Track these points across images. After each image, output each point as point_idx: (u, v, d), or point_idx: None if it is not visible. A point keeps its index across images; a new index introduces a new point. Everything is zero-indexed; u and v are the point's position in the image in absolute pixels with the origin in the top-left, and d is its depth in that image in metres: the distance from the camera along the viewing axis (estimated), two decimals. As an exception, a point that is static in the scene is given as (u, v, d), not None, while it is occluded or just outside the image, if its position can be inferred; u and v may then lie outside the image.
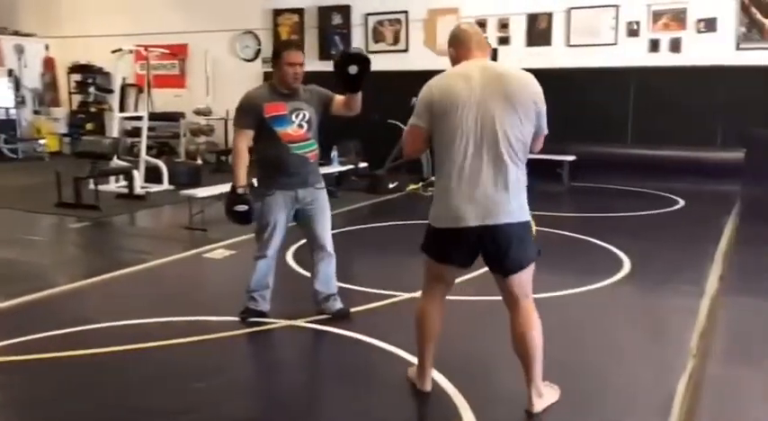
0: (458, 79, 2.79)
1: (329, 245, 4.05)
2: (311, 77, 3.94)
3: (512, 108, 2.72)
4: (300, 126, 3.85)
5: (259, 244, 4.02)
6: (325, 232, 4.03)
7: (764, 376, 3.38)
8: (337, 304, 4.12)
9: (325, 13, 11.52)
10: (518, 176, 2.79)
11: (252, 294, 4.07)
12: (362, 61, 3.59)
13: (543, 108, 2.87)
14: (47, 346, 3.64)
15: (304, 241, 6.00)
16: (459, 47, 2.96)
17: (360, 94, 3.78)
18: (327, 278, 4.08)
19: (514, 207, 2.78)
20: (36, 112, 13.88)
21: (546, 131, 2.95)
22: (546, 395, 2.98)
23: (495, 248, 2.78)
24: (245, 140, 3.84)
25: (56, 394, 3.18)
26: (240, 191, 3.83)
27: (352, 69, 3.58)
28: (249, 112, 3.82)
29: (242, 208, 3.81)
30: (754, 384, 3.30)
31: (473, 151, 2.71)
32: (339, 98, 3.90)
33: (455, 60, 2.95)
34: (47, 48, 14.11)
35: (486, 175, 2.71)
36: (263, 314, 4.07)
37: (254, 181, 4.03)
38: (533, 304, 2.94)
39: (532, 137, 2.87)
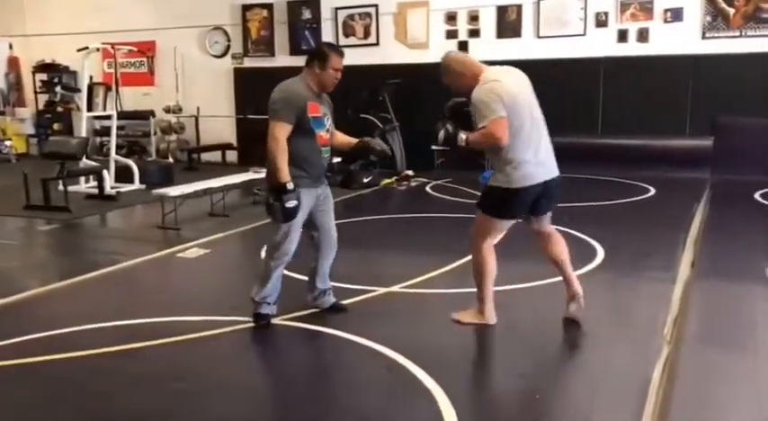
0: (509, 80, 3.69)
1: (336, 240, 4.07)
2: (283, 73, 3.90)
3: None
4: (327, 131, 3.85)
5: (282, 246, 3.84)
6: (334, 228, 4.07)
7: (738, 359, 3.44)
8: (332, 299, 4.14)
9: (294, 7, 11.44)
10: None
11: (266, 300, 3.92)
12: (381, 157, 4.13)
13: None
14: (19, 352, 3.57)
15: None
16: (470, 67, 3.78)
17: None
18: (327, 273, 4.09)
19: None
20: (1, 113, 13.60)
21: None
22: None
23: (553, 195, 3.91)
24: (286, 133, 3.66)
25: (30, 400, 3.12)
26: (290, 186, 3.65)
27: (373, 157, 4.13)
28: (294, 107, 3.67)
29: (293, 203, 3.67)
30: (729, 367, 3.35)
31: (536, 130, 3.74)
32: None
33: (470, 78, 3.69)
34: (10, 47, 13.82)
35: (546, 146, 3.85)
36: (273, 316, 4.01)
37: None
38: None
39: None
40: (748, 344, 3.62)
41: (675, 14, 9.43)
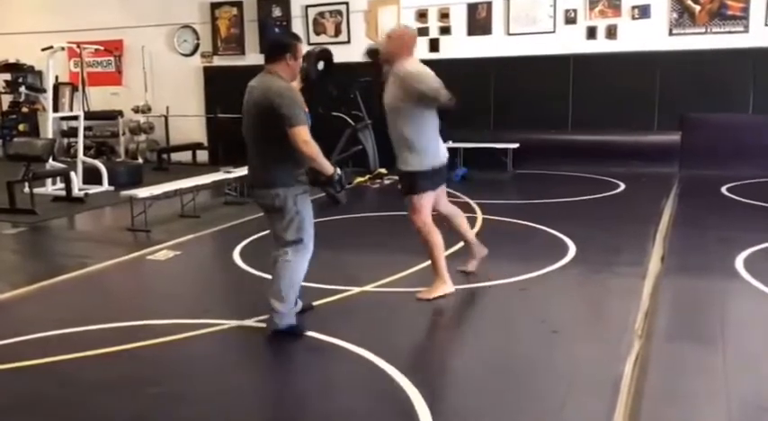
0: None
1: None
2: (254, 71, 3.84)
3: None
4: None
5: (305, 242, 3.73)
6: None
7: (709, 353, 3.48)
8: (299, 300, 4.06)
9: (264, 5, 11.34)
10: None
11: (297, 296, 3.81)
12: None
13: None
14: (-16, 359, 3.49)
15: (250, 239, 5.99)
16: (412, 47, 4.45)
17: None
18: None
19: None
20: (-36, 115, 13.29)
21: None
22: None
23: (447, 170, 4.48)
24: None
25: (4, 407, 3.06)
26: (338, 171, 3.74)
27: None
28: (300, 105, 3.61)
29: (345, 182, 3.97)
30: (699, 362, 3.40)
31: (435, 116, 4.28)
32: None
33: (407, 54, 4.47)
34: (-27, 46, 13.51)
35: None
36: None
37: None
38: None
39: None
40: (718, 338, 3.67)
41: (643, 11, 9.55)
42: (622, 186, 8.42)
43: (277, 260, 3.71)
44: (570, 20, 9.87)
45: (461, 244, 4.91)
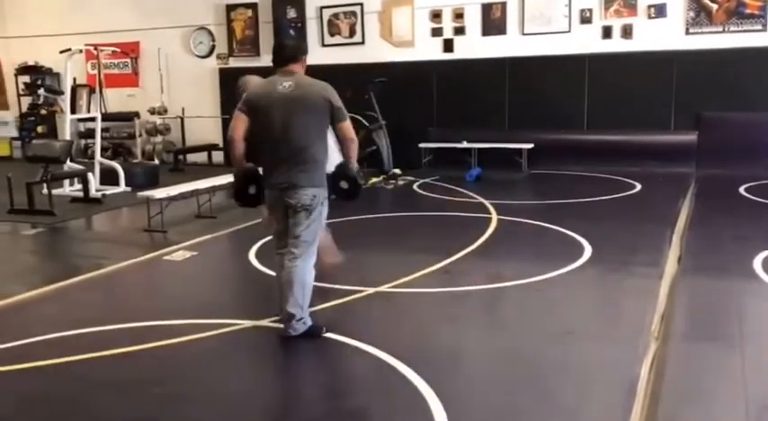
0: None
1: None
2: (268, 73, 3.87)
3: None
4: None
5: (315, 242, 3.80)
6: None
7: (726, 354, 3.45)
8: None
9: (279, 6, 11.39)
10: None
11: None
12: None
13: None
14: (4, 358, 3.53)
15: (266, 240, 6.00)
16: None
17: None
18: None
19: None
20: (-17, 117, 13.47)
21: None
22: None
23: None
24: None
25: (14, 407, 3.09)
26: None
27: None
28: None
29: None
30: (716, 363, 3.37)
31: None
32: None
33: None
34: (-8, 49, 13.70)
35: None
36: None
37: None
38: None
39: None
40: (736, 338, 3.64)
41: (659, 10, 9.48)
42: (639, 186, 8.37)
43: (284, 265, 3.68)
44: (585, 19, 9.82)
45: None
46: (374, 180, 9.35)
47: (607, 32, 9.74)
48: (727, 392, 3.06)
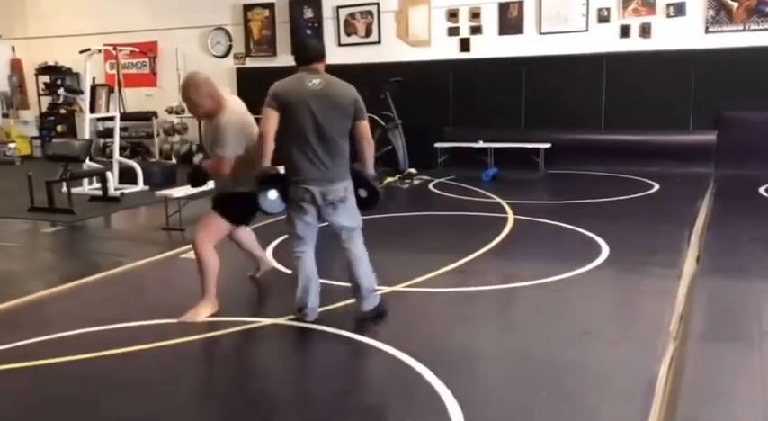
0: None
1: None
2: (285, 73, 3.90)
3: None
4: None
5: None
6: None
7: (745, 355, 3.42)
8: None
9: (296, 6, 11.43)
10: None
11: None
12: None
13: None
14: (22, 355, 3.57)
15: (283, 238, 6.02)
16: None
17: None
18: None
19: None
20: (5, 116, 13.62)
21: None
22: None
23: None
24: None
25: (30, 404, 3.12)
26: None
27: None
28: None
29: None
30: (735, 363, 3.34)
31: None
32: None
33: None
34: (13, 49, 13.85)
35: None
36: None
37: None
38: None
39: None
40: (755, 339, 3.60)
41: (678, 9, 9.40)
42: (656, 186, 8.30)
43: (350, 249, 3.91)
44: (603, 18, 9.76)
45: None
46: (389, 179, 9.35)
47: (625, 31, 9.67)
48: (745, 393, 3.04)
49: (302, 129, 3.68)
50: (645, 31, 9.58)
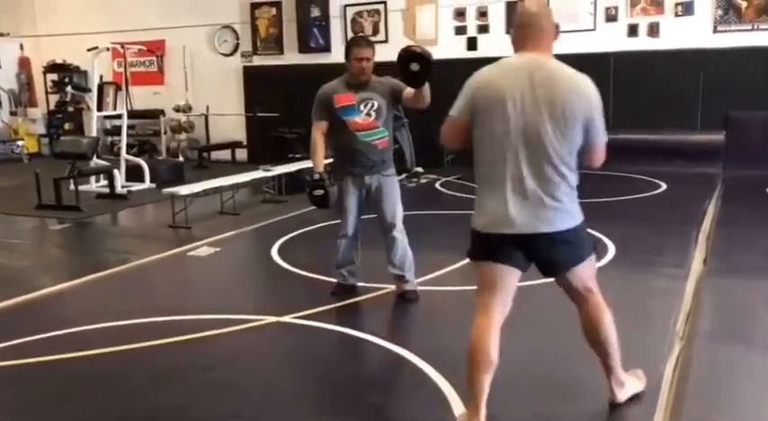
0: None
1: (396, 229, 4.22)
2: (292, 71, 3.91)
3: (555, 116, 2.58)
4: (369, 115, 4.08)
5: (341, 224, 4.26)
6: (391, 217, 4.22)
7: (752, 355, 3.41)
8: (406, 286, 4.29)
9: (303, 5, 11.42)
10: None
11: (340, 270, 4.35)
12: (424, 60, 3.69)
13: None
14: (32, 351, 3.60)
15: (288, 237, 6.06)
16: (517, 31, 2.78)
17: (426, 89, 3.86)
18: (396, 260, 4.24)
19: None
20: (13, 114, 13.68)
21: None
22: (628, 384, 2.91)
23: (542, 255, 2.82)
24: (320, 131, 4.10)
25: (43, 399, 3.14)
26: (316, 176, 4.11)
27: (414, 67, 3.70)
28: (321, 105, 4.10)
29: (318, 192, 4.08)
30: (742, 364, 3.33)
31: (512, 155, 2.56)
32: (409, 90, 4.00)
33: (513, 44, 2.78)
34: (21, 47, 13.91)
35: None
36: (352, 288, 4.38)
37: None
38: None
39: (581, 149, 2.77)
40: (761, 339, 3.59)
41: (686, 8, 9.36)
42: (664, 186, 8.27)
43: (390, 239, 4.23)
44: (611, 17, 9.73)
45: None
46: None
47: (633, 30, 9.64)
48: (751, 393, 3.03)
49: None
50: (653, 30, 9.55)
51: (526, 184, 2.56)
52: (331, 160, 4.35)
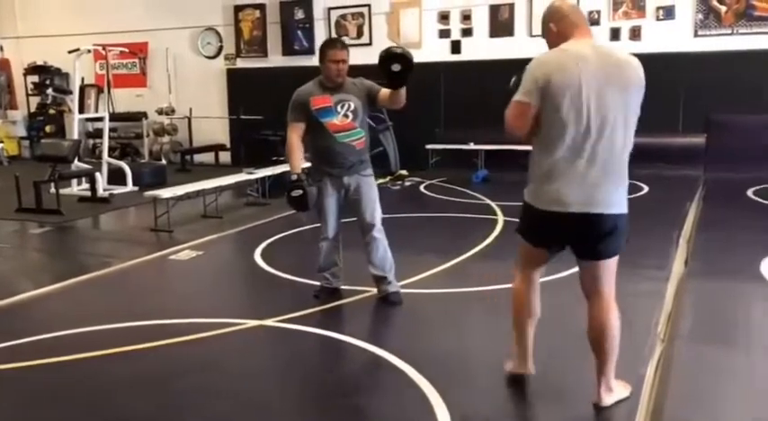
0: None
1: (375, 229, 4.21)
2: (276, 73, 3.90)
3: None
4: (346, 116, 4.10)
5: (321, 227, 4.27)
6: (370, 217, 4.20)
7: (732, 356, 3.44)
8: (389, 288, 4.27)
9: (286, 7, 11.42)
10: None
11: (322, 273, 4.35)
12: (405, 60, 3.75)
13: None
14: (12, 355, 3.55)
15: (271, 240, 6.03)
16: (561, 22, 2.86)
17: (403, 90, 3.92)
18: (377, 260, 4.23)
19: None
20: (-7, 116, 13.55)
21: None
22: (616, 391, 2.92)
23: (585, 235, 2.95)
24: (296, 132, 4.09)
25: (23, 404, 3.10)
26: (294, 177, 4.04)
27: (395, 67, 3.76)
28: (297, 107, 4.09)
29: (296, 193, 4.02)
30: (722, 364, 3.35)
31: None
32: (384, 91, 4.09)
33: (558, 37, 2.86)
34: (1, 49, 13.78)
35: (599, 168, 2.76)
36: (335, 291, 4.37)
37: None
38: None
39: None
40: (742, 341, 3.62)
41: (668, 12, 9.46)
42: (646, 189, 8.33)
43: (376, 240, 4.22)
44: (594, 21, 9.79)
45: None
46: (380, 181, 9.35)
47: (615, 34, 9.72)
48: (732, 394, 3.05)
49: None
50: (635, 33, 9.63)
51: (596, 166, 2.73)
52: (309, 163, 4.32)
